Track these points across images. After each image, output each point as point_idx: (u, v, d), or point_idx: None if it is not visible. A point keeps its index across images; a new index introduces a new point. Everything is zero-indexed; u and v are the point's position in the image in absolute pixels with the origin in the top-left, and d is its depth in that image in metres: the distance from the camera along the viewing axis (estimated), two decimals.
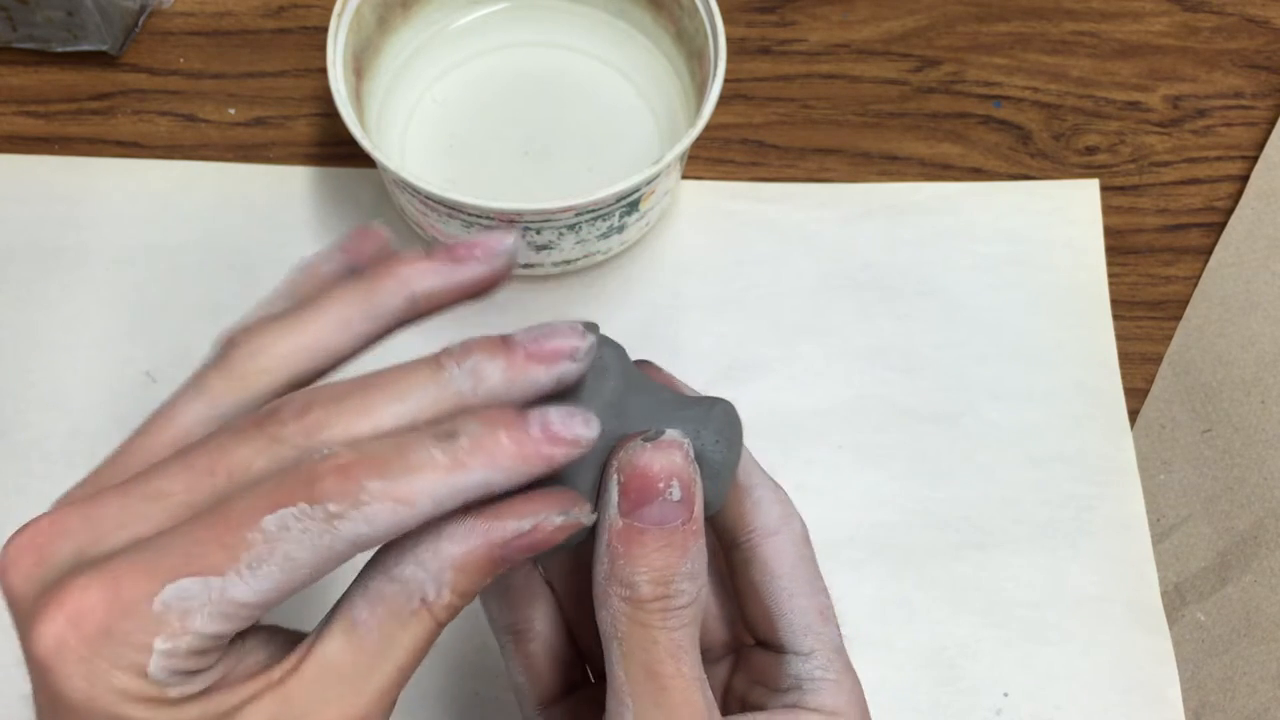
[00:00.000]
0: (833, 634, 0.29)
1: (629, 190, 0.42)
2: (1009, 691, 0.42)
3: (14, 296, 0.47)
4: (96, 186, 0.49)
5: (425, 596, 0.24)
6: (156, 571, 0.22)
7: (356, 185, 0.50)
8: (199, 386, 0.25)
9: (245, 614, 0.22)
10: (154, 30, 0.53)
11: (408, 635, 0.24)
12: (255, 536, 0.22)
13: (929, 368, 0.47)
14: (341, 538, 0.22)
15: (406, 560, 0.24)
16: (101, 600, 0.21)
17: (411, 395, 0.24)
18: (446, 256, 0.26)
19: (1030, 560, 0.44)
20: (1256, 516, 0.44)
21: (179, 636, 0.22)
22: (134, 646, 0.21)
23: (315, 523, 0.22)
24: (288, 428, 0.23)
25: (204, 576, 0.22)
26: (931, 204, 0.50)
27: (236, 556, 0.22)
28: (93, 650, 0.21)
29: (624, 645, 0.25)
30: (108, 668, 0.21)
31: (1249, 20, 0.55)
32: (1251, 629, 0.43)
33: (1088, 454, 0.46)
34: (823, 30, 0.54)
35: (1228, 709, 0.42)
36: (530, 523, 0.24)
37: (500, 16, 0.51)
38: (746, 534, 0.29)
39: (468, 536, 0.24)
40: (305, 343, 0.25)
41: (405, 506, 0.22)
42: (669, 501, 0.25)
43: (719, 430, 0.27)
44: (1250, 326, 0.47)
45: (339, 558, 0.22)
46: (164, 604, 0.21)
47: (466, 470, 0.23)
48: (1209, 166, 0.52)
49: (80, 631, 0.21)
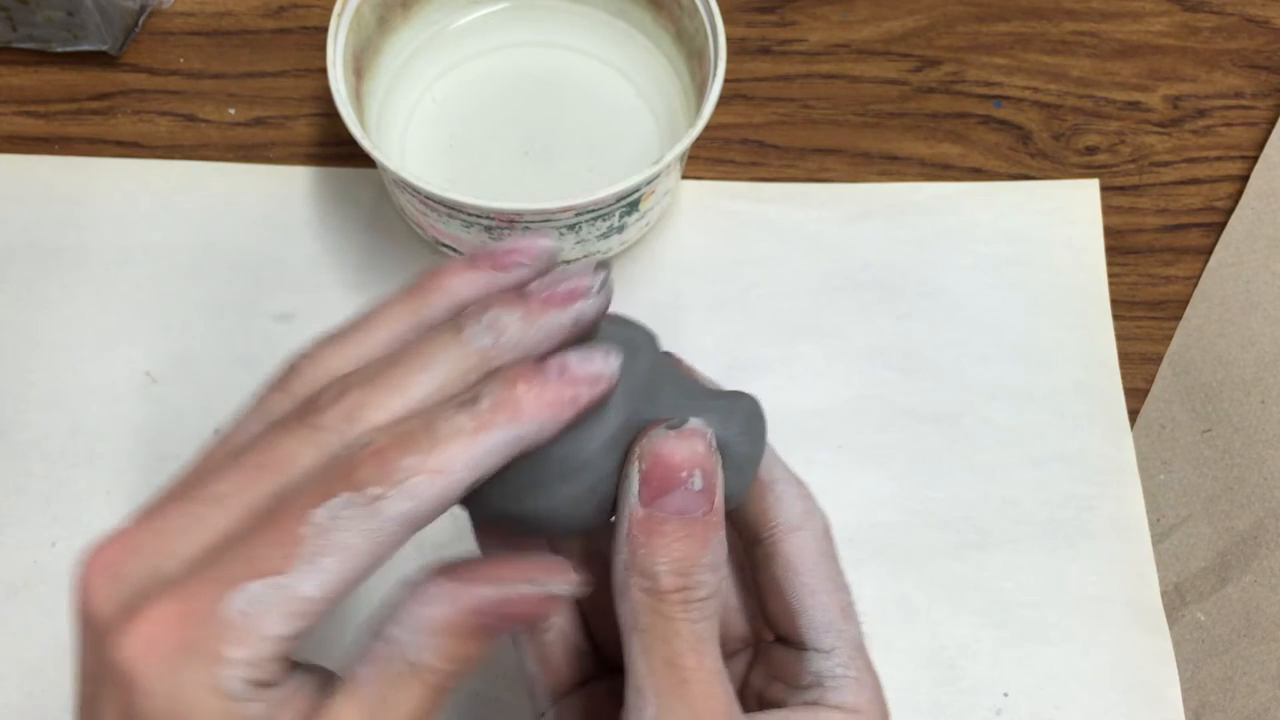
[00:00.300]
0: (854, 632, 0.29)
1: (629, 190, 0.42)
2: (1009, 691, 0.42)
3: (14, 296, 0.47)
4: (96, 186, 0.49)
5: (409, 658, 0.24)
6: (223, 580, 0.22)
7: (356, 185, 0.50)
8: (259, 407, 0.26)
9: (312, 610, 0.22)
10: (154, 30, 0.53)
11: (405, 698, 0.24)
12: (307, 531, 0.22)
13: (929, 368, 0.47)
14: (388, 517, 0.23)
15: (392, 620, 0.24)
16: (176, 615, 0.22)
17: (437, 362, 0.25)
18: (489, 263, 0.27)
19: (1030, 560, 0.44)
20: (1256, 516, 0.44)
21: (251, 642, 0.22)
22: (210, 658, 0.22)
23: (360, 508, 0.22)
24: (326, 415, 0.24)
25: (268, 578, 0.22)
26: (931, 204, 0.50)
27: (294, 554, 0.22)
28: (171, 665, 0.22)
29: (645, 637, 0.25)
30: (189, 682, 0.22)
31: (1249, 20, 0.55)
32: (1251, 629, 0.43)
33: (1088, 454, 0.46)
34: (823, 30, 0.54)
35: (1228, 709, 0.42)
36: (499, 593, 0.24)
37: (500, 16, 0.51)
38: (769, 529, 0.29)
39: (438, 599, 0.24)
40: (359, 357, 0.26)
41: (442, 475, 0.23)
42: (690, 491, 0.25)
43: (744, 423, 0.27)
44: (1250, 326, 0.47)
45: (392, 539, 0.23)
46: (235, 610, 0.22)
47: (492, 429, 0.23)
48: (1209, 166, 0.52)
49: (159, 647, 0.22)
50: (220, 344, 0.46)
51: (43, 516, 0.43)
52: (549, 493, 0.25)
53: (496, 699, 0.42)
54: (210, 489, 0.24)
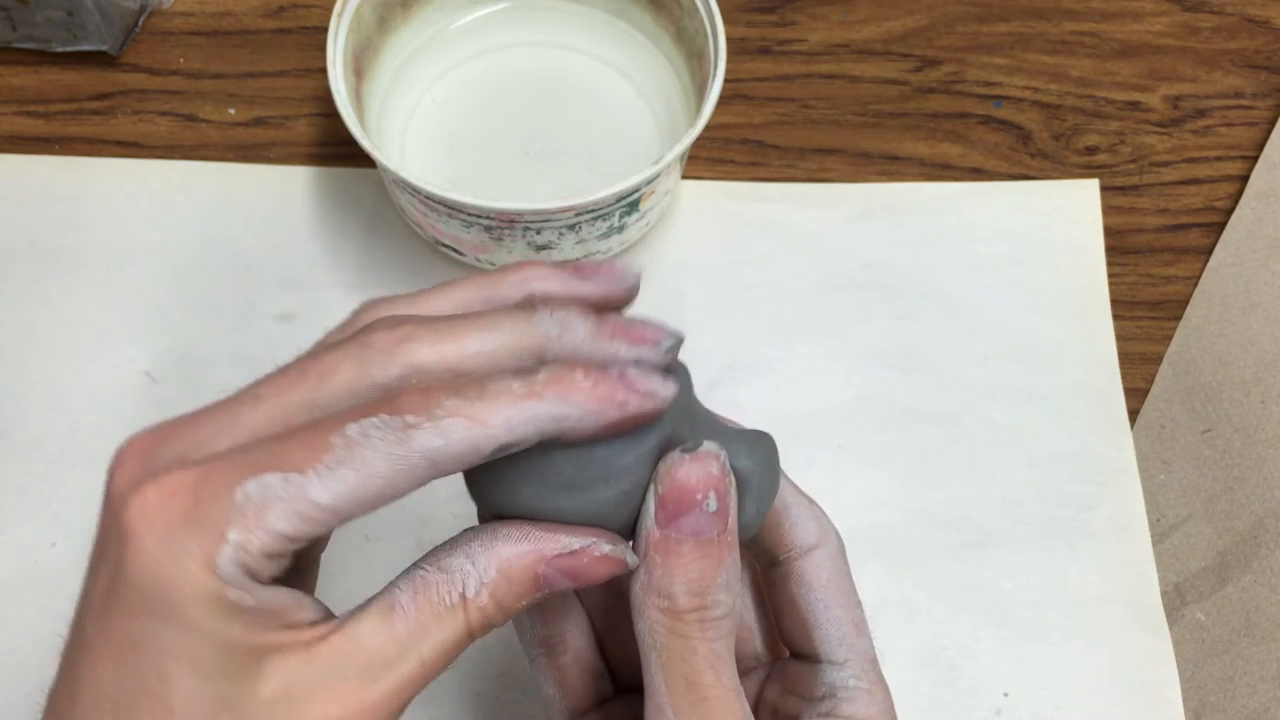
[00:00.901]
0: (866, 646, 0.30)
1: (629, 190, 0.42)
2: (1009, 691, 0.42)
3: (14, 296, 0.47)
4: (96, 186, 0.49)
5: (466, 591, 0.24)
6: (244, 466, 0.23)
7: (356, 185, 0.50)
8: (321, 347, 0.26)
9: (317, 517, 0.23)
10: (154, 30, 0.53)
11: (440, 631, 0.24)
12: (336, 440, 0.23)
13: (929, 368, 0.47)
14: (415, 448, 0.23)
15: (458, 552, 0.25)
16: (188, 487, 0.22)
17: (500, 328, 0.25)
18: (573, 270, 0.27)
19: (1030, 560, 0.44)
20: (1256, 516, 0.44)
21: (254, 529, 0.22)
22: (209, 533, 0.22)
23: (393, 431, 0.23)
24: (378, 337, 0.24)
25: (285, 473, 0.22)
26: (931, 204, 0.50)
27: (317, 457, 0.23)
28: (172, 529, 0.22)
29: (663, 655, 0.26)
30: (181, 549, 0.22)
31: (1249, 20, 0.55)
32: (1251, 629, 0.43)
33: (1088, 454, 0.46)
34: (823, 30, 0.54)
35: (1228, 709, 0.42)
36: (580, 544, 0.25)
37: (500, 16, 0.51)
38: (785, 552, 0.30)
39: (521, 541, 0.25)
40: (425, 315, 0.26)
41: (479, 425, 0.23)
42: (705, 513, 0.26)
43: (765, 458, 0.28)
44: (1250, 326, 0.47)
45: (412, 473, 0.23)
46: (245, 494, 0.22)
47: (540, 399, 0.24)
48: (1209, 166, 0.52)
49: (165, 509, 0.22)
50: (220, 344, 0.46)
51: (43, 516, 0.43)
52: (589, 494, 0.26)
53: (496, 699, 0.42)
54: (251, 392, 0.25)
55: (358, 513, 0.23)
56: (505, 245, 0.44)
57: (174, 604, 0.22)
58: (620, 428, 0.25)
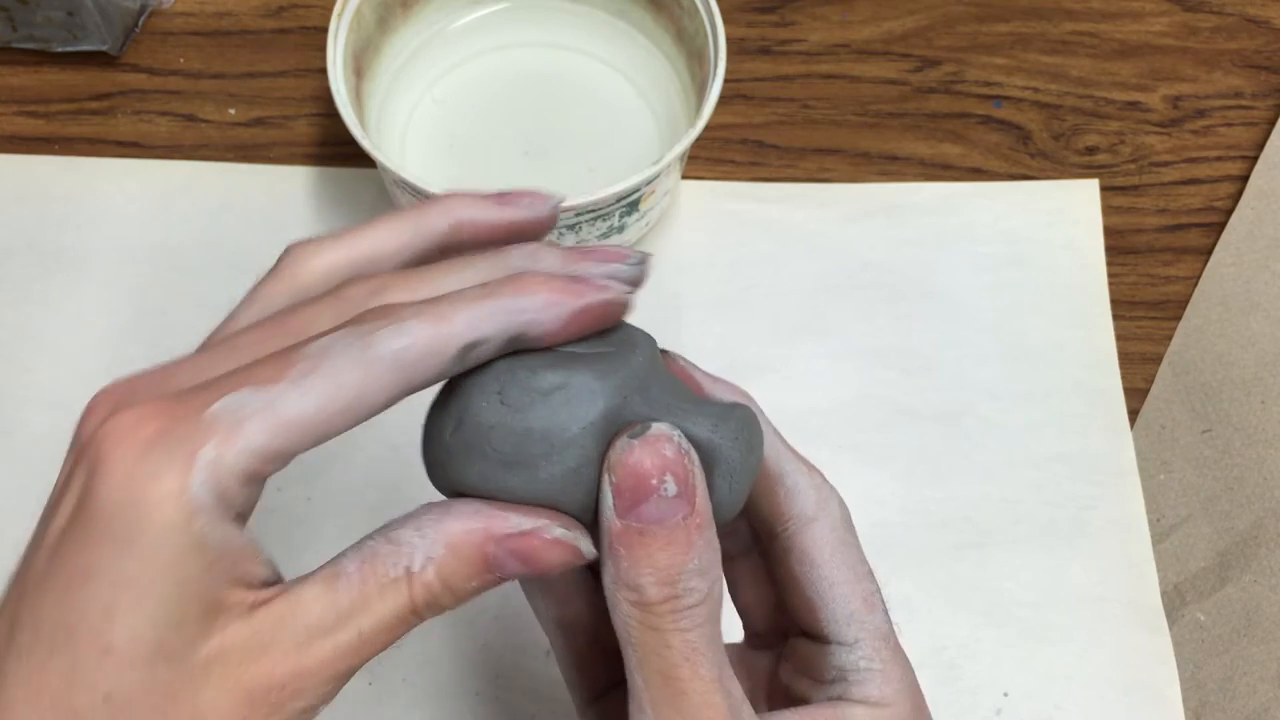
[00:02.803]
0: (878, 621, 0.28)
1: (629, 190, 0.42)
2: (1009, 691, 0.42)
3: (14, 296, 0.47)
4: (96, 186, 0.49)
5: (412, 565, 0.24)
6: (216, 387, 0.23)
7: (356, 185, 0.50)
8: (254, 294, 0.27)
9: (291, 431, 0.22)
10: (154, 30, 0.53)
11: (382, 603, 0.23)
12: (304, 352, 0.23)
13: (929, 368, 0.47)
14: (379, 353, 0.23)
15: (408, 525, 0.24)
16: (160, 410, 0.22)
17: (470, 269, 0.26)
18: (496, 197, 0.28)
19: (1030, 560, 0.44)
20: (1256, 516, 0.44)
21: (225, 445, 0.22)
22: (181, 452, 0.22)
23: (357, 338, 0.23)
24: (354, 289, 0.25)
25: (255, 387, 0.22)
26: (931, 204, 0.50)
27: (285, 373, 0.23)
28: (142, 450, 0.22)
29: (638, 650, 0.25)
30: (154, 468, 0.22)
31: (1249, 20, 0.55)
32: (1251, 629, 0.43)
33: (1088, 454, 0.46)
34: (823, 30, 0.54)
35: (1228, 709, 0.42)
36: (530, 525, 0.24)
37: (500, 16, 0.51)
38: (783, 524, 0.29)
39: (471, 517, 0.24)
40: (355, 252, 0.27)
41: (440, 321, 0.23)
42: (665, 498, 0.24)
43: (738, 431, 0.26)
44: (1250, 326, 0.47)
45: (380, 381, 0.23)
46: (218, 411, 0.22)
47: (499, 296, 0.24)
48: (1209, 166, 0.52)
49: (137, 431, 0.22)
50: None
51: None
52: (534, 470, 0.25)
53: (496, 699, 0.42)
54: (225, 342, 0.25)
55: (330, 428, 0.23)
56: None
57: (138, 530, 0.21)
58: (584, 323, 0.25)
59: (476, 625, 0.43)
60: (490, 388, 0.25)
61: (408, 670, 0.42)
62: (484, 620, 0.43)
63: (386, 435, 0.30)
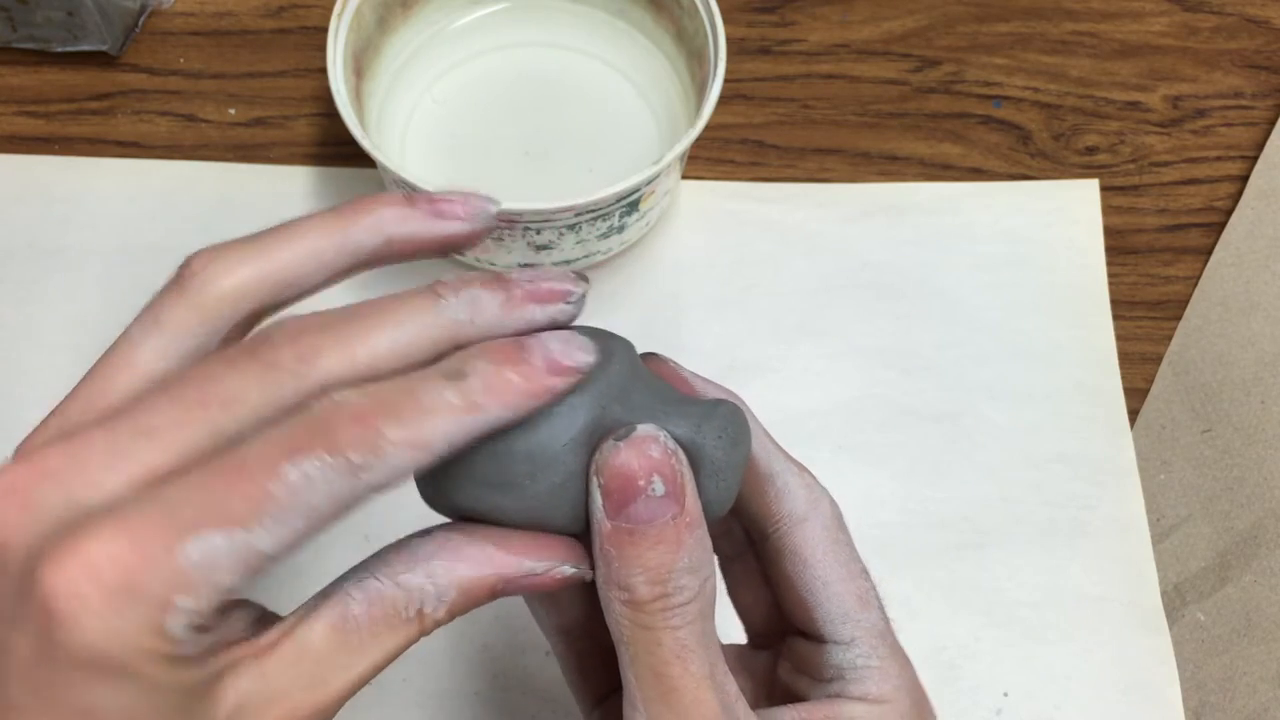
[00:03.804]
0: (873, 619, 0.28)
1: (629, 190, 0.42)
2: (1009, 691, 0.42)
3: (14, 296, 0.47)
4: (96, 186, 0.49)
5: (424, 608, 0.24)
6: (178, 525, 0.21)
7: (356, 185, 0.50)
8: (156, 317, 0.24)
9: (266, 566, 0.22)
10: (154, 30, 0.53)
11: (394, 639, 0.24)
12: (277, 488, 0.21)
13: (929, 368, 0.47)
14: (363, 485, 0.22)
15: (418, 570, 0.24)
16: (122, 553, 0.20)
17: (407, 322, 0.24)
18: (429, 208, 0.26)
19: (1030, 560, 0.44)
20: (1256, 516, 0.44)
21: (202, 593, 0.21)
22: (155, 603, 0.21)
23: (338, 474, 0.21)
24: (281, 353, 0.23)
25: (228, 530, 0.21)
26: (931, 204, 0.50)
27: (260, 509, 0.21)
28: (112, 605, 0.20)
29: (630, 649, 0.25)
30: (127, 623, 0.20)
31: (1249, 20, 0.55)
32: (1251, 629, 0.43)
33: (1088, 454, 0.46)
34: (823, 30, 0.54)
35: (1228, 709, 0.42)
36: (543, 568, 0.25)
37: (500, 16, 0.51)
38: (774, 524, 0.29)
39: (484, 564, 0.24)
40: (271, 270, 0.25)
41: (423, 451, 0.22)
42: (653, 498, 0.24)
43: (721, 428, 0.26)
44: (1250, 326, 0.47)
45: (357, 505, 0.22)
46: (189, 561, 0.21)
47: (480, 411, 0.23)
48: (1209, 166, 0.52)
49: (100, 584, 0.20)
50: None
51: None
52: (519, 491, 0.25)
53: (496, 699, 0.42)
54: (140, 420, 0.22)
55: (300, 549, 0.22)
56: (505, 245, 0.44)
57: (126, 671, 0.21)
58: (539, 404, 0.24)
59: (477, 625, 0.43)
60: None
61: (408, 670, 0.42)
62: (484, 620, 0.43)
63: None
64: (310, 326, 0.23)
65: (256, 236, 0.25)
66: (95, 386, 0.24)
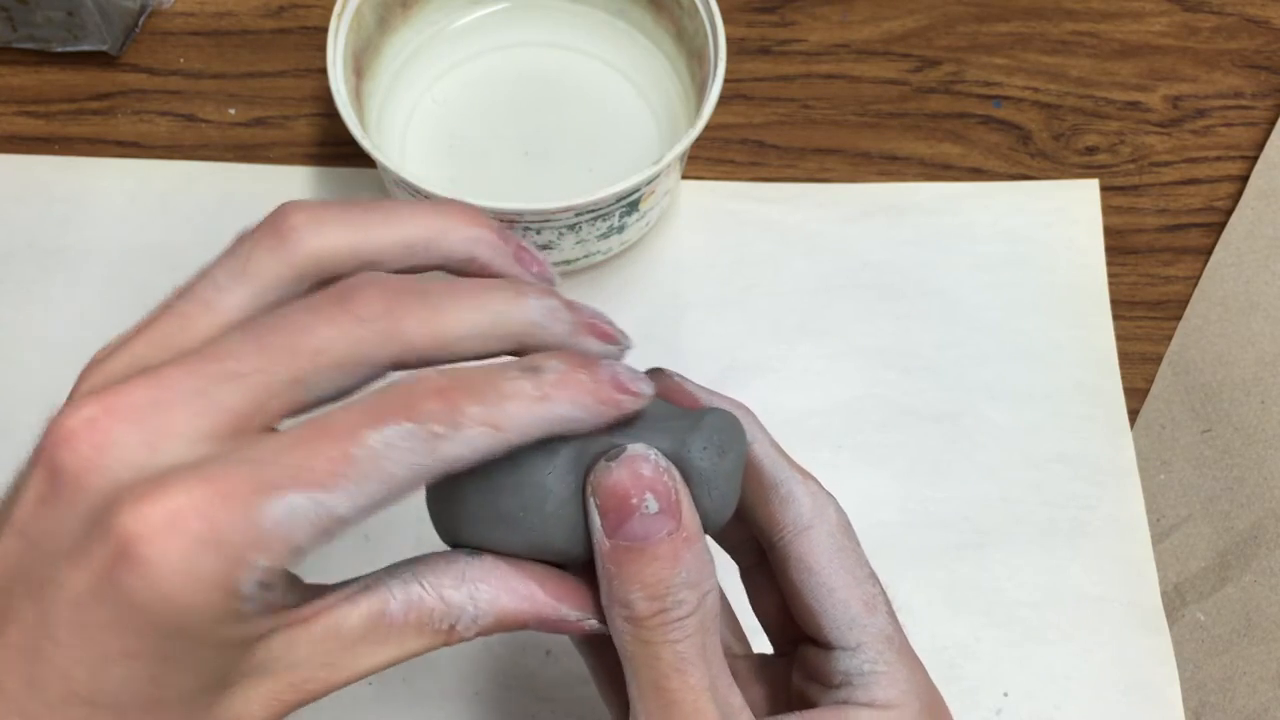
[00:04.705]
0: (881, 624, 0.29)
1: (629, 190, 0.42)
2: (1009, 691, 0.42)
3: (14, 296, 0.47)
4: (96, 186, 0.49)
5: (457, 625, 0.25)
6: (262, 483, 0.21)
7: (356, 185, 0.50)
8: (245, 266, 0.24)
9: (339, 528, 0.22)
10: (154, 30, 0.53)
11: (419, 643, 0.25)
12: (359, 451, 0.22)
13: (929, 368, 0.47)
14: (440, 458, 0.23)
15: (464, 590, 0.25)
16: (208, 505, 0.21)
17: (490, 307, 0.25)
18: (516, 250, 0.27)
19: (1030, 560, 0.44)
20: (1256, 516, 0.44)
21: (277, 551, 0.21)
22: (233, 558, 0.21)
23: (419, 442, 0.22)
24: (371, 309, 0.23)
25: (311, 492, 0.21)
26: (931, 204, 0.50)
27: (340, 472, 0.22)
28: (191, 554, 0.21)
29: (632, 664, 0.26)
30: (201, 575, 0.21)
31: (1249, 20, 0.55)
32: (1251, 629, 0.43)
33: (1088, 454, 0.46)
34: (823, 30, 0.54)
35: (1228, 709, 0.42)
36: (575, 617, 0.26)
37: (500, 16, 0.51)
38: (779, 533, 0.29)
39: (526, 601, 0.25)
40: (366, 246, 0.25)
41: (499, 433, 0.23)
42: (647, 515, 0.25)
43: (707, 439, 0.26)
44: (1250, 326, 0.47)
45: (430, 477, 0.23)
46: (270, 519, 0.21)
47: (552, 402, 0.24)
48: (1209, 166, 0.52)
49: (182, 533, 0.21)
50: None
51: None
52: (516, 524, 0.25)
53: (496, 699, 0.42)
54: (226, 365, 0.23)
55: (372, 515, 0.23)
56: None
57: (185, 624, 0.21)
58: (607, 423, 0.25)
59: None
60: None
61: (408, 670, 0.42)
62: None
63: None
64: (400, 290, 0.24)
65: (356, 208, 0.26)
66: (172, 324, 0.24)
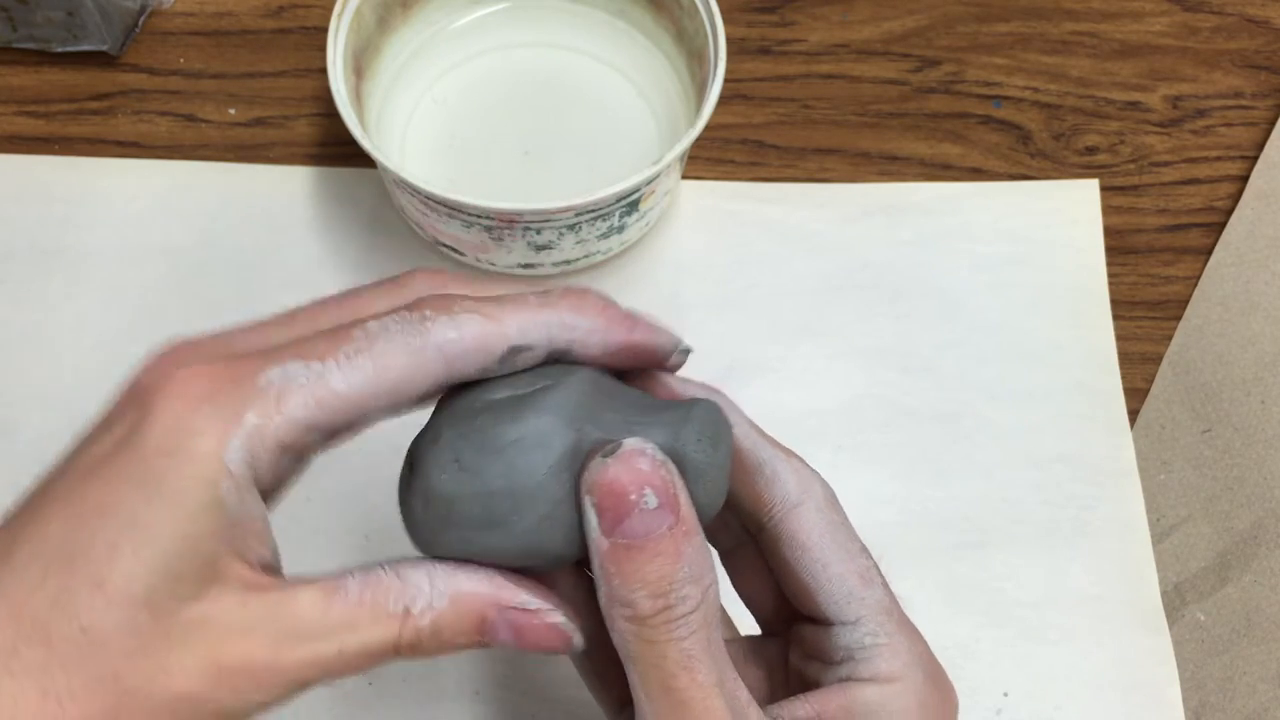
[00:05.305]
0: (877, 595, 0.28)
1: (629, 190, 0.42)
2: (1009, 691, 0.42)
3: (14, 296, 0.47)
4: (96, 186, 0.49)
5: (412, 606, 0.24)
6: (268, 357, 0.24)
7: (356, 185, 0.50)
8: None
9: (334, 406, 0.23)
10: (154, 30, 0.53)
11: (370, 632, 0.24)
12: (357, 331, 0.24)
13: (929, 368, 0.47)
14: (430, 341, 0.24)
15: (421, 569, 0.25)
16: (215, 371, 0.23)
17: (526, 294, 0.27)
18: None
19: (1030, 560, 0.44)
20: (1256, 516, 0.44)
21: (270, 413, 0.23)
22: (228, 413, 0.23)
23: (409, 323, 0.24)
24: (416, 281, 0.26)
25: (306, 360, 0.24)
26: (931, 204, 0.50)
27: (337, 346, 0.24)
28: (191, 406, 0.23)
29: (638, 665, 0.25)
30: (198, 424, 0.23)
31: (1249, 20, 0.55)
32: (1251, 629, 0.43)
33: (1088, 454, 0.46)
34: (823, 30, 0.54)
35: (1228, 709, 0.42)
36: (537, 604, 0.25)
37: (500, 16, 0.51)
38: (768, 513, 0.29)
39: (482, 582, 0.25)
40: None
41: (490, 321, 0.24)
42: (647, 511, 0.24)
43: (700, 430, 0.26)
44: (1250, 326, 0.47)
45: (426, 367, 0.24)
46: (267, 379, 0.23)
47: (555, 308, 0.25)
48: (1209, 166, 0.52)
49: (188, 390, 0.23)
50: None
51: None
52: (507, 528, 0.25)
53: (496, 699, 0.42)
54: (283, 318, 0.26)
55: (370, 408, 0.24)
56: (505, 245, 0.44)
57: (167, 478, 0.22)
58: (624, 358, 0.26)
59: None
60: (445, 457, 0.25)
61: (408, 670, 0.42)
62: None
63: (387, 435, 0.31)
64: (451, 282, 0.27)
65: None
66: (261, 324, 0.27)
